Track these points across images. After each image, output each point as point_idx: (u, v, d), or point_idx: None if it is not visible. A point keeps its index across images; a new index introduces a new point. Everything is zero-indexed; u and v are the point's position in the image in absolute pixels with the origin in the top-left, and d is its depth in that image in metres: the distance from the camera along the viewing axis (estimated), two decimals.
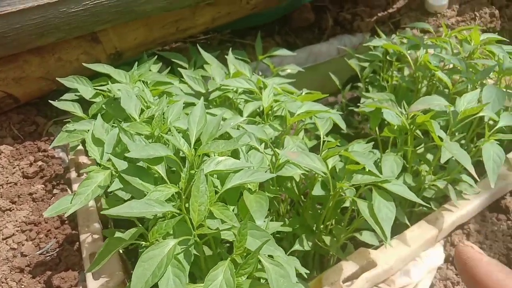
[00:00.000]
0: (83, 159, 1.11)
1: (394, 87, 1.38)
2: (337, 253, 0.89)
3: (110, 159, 0.78)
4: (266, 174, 0.76)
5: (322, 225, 0.90)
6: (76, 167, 1.10)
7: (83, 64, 1.14)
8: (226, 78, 1.17)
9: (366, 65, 1.44)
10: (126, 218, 0.74)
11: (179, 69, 1.23)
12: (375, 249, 0.90)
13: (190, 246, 0.66)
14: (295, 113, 0.98)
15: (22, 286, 0.90)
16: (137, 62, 1.19)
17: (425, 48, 1.28)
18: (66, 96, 1.10)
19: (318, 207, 0.99)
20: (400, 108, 1.06)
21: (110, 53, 1.31)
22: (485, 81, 1.14)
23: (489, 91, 0.99)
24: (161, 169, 0.75)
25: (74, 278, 0.89)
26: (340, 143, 0.94)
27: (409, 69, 1.39)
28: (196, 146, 0.80)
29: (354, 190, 0.84)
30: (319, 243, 0.91)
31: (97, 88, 1.10)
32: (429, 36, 1.66)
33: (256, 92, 1.07)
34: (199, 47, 1.30)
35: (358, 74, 1.44)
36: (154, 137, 0.87)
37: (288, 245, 0.95)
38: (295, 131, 1.08)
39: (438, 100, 0.97)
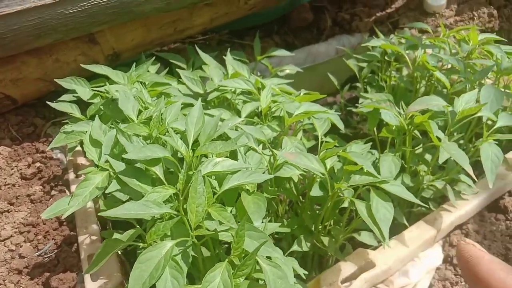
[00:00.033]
0: (82, 160, 1.10)
1: (392, 87, 1.38)
2: (335, 253, 0.89)
3: (108, 161, 0.78)
4: (264, 175, 0.76)
5: (321, 225, 0.90)
6: (74, 168, 1.10)
7: (81, 65, 1.14)
8: (225, 78, 1.17)
9: (364, 65, 1.44)
10: (124, 220, 0.74)
11: (177, 70, 1.23)
12: (374, 249, 0.90)
13: (188, 248, 0.66)
14: (293, 113, 0.98)
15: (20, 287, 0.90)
16: (135, 63, 1.19)
17: (423, 48, 1.28)
18: (64, 97, 1.10)
19: (316, 208, 0.99)
20: (398, 108, 1.06)
21: (107, 54, 1.30)
22: (483, 81, 1.14)
23: (487, 91, 0.99)
24: (158, 170, 0.75)
25: (72, 280, 0.89)
26: (338, 144, 0.94)
27: (407, 69, 1.39)
28: (194, 147, 0.80)
29: (352, 190, 0.84)
30: (318, 244, 0.91)
31: (95, 89, 1.10)
32: (427, 36, 1.65)
33: (254, 92, 1.07)
34: (197, 48, 1.30)
35: (357, 74, 1.44)
36: (152, 138, 0.87)
37: (287, 245, 0.95)
38: (294, 132, 1.07)
39: (436, 100, 0.97)
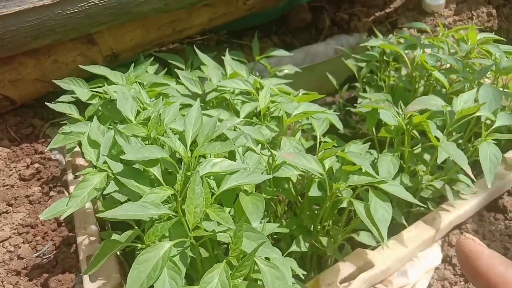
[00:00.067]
0: (80, 161, 1.10)
1: (391, 87, 1.38)
2: (334, 254, 0.89)
3: (106, 161, 0.78)
4: (262, 176, 0.76)
5: (319, 226, 0.90)
6: (73, 169, 1.10)
7: (80, 66, 1.14)
8: (223, 79, 1.17)
9: (363, 65, 1.43)
10: (123, 220, 0.74)
11: (176, 70, 1.23)
12: (372, 249, 0.90)
13: (186, 248, 0.65)
14: (292, 114, 0.98)
15: None
16: (133, 64, 1.19)
17: (422, 48, 1.28)
18: (63, 98, 1.10)
19: (315, 208, 0.98)
20: (397, 108, 1.06)
21: (106, 54, 1.30)
22: (482, 80, 1.14)
23: (486, 91, 0.99)
24: (156, 171, 0.75)
25: (71, 281, 0.89)
26: (337, 144, 0.94)
27: (406, 69, 1.39)
28: (192, 148, 0.80)
29: (351, 191, 0.84)
30: (316, 244, 0.91)
31: (93, 90, 1.10)
32: (426, 35, 1.65)
33: (253, 93, 1.07)
34: (196, 48, 1.30)
35: (355, 74, 1.44)
36: (150, 139, 0.87)
37: (285, 246, 0.95)
38: (292, 132, 1.07)
39: (435, 100, 0.97)
